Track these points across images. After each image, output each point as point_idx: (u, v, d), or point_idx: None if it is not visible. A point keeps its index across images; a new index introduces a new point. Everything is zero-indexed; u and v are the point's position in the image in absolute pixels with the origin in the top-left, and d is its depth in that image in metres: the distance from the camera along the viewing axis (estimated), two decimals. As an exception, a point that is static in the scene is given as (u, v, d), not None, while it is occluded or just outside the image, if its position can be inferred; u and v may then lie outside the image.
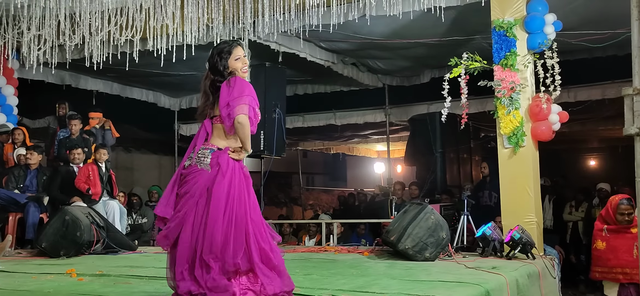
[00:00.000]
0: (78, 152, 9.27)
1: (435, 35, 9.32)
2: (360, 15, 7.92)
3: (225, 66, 4.01)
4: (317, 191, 24.45)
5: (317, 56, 10.19)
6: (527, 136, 7.09)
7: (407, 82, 12.67)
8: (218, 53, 4.04)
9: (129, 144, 16.10)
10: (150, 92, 13.58)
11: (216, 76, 4.02)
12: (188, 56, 8.60)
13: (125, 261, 7.07)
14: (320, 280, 5.20)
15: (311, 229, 11.35)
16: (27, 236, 8.76)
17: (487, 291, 4.69)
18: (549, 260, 6.85)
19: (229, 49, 4.04)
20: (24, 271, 6.27)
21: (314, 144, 19.44)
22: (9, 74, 10.78)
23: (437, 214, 6.88)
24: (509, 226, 6.85)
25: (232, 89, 3.91)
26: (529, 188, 7.07)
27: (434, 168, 12.17)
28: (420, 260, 6.50)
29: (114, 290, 4.97)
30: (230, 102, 3.88)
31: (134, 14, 8.49)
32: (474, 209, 8.35)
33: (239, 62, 4.04)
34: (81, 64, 9.70)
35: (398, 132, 16.08)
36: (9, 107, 10.94)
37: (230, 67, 4.02)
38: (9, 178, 9.33)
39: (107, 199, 9.19)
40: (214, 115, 4.03)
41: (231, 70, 4.02)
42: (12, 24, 8.89)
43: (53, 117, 11.31)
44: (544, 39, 7.05)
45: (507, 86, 7.07)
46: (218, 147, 3.96)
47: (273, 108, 9.30)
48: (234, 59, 4.03)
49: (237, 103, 3.86)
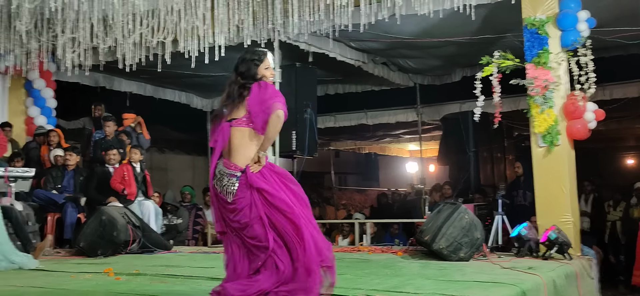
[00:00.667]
0: (113, 153, 9.40)
1: (466, 34, 9.24)
2: (390, 14, 7.89)
3: (255, 73, 4.11)
4: (349, 191, 24.40)
5: (347, 56, 10.17)
6: (562, 135, 6.99)
7: (438, 81, 12.58)
8: (250, 60, 4.14)
9: (162, 144, 16.27)
10: (182, 93, 13.70)
11: (246, 80, 4.08)
12: (219, 57, 8.67)
13: (161, 261, 7.15)
14: (354, 279, 5.20)
15: (344, 229, 11.34)
16: (65, 236, 8.93)
17: (523, 291, 4.65)
18: (587, 260, 6.75)
19: (260, 58, 4.15)
20: (63, 270, 6.39)
21: (346, 143, 19.43)
22: (48, 76, 11.02)
23: (471, 214, 6.84)
24: (544, 226, 6.77)
25: (265, 89, 4.01)
26: (565, 187, 6.98)
27: (467, 168, 12.08)
28: (454, 260, 6.46)
29: (150, 289, 5.03)
30: (265, 99, 3.96)
31: (165, 16, 8.56)
32: (508, 209, 8.26)
33: (268, 71, 4.17)
34: (114, 66, 9.83)
35: (430, 131, 15.99)
36: (49, 110, 11.18)
37: (260, 73, 4.12)
38: (47, 179, 9.51)
39: (142, 199, 9.29)
40: (235, 117, 4.06)
41: (260, 76, 4.12)
42: (46, 27, 9.05)
43: (88, 118, 11.47)
44: (577, 37, 6.95)
45: (541, 84, 6.98)
46: (241, 169, 3.97)
47: (304, 108, 9.32)
48: (263, 68, 4.15)
49: (274, 100, 3.96)
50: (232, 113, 4.08)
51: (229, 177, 3.97)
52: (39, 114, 11.09)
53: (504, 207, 7.88)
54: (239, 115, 4.05)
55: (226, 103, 4.13)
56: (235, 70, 4.16)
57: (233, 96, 4.08)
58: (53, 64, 10.45)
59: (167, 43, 8.85)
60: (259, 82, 4.06)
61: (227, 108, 4.13)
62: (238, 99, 4.06)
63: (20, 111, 11.13)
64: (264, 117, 3.94)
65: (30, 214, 8.62)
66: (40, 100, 11.11)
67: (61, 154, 9.79)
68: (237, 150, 4.01)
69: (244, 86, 4.06)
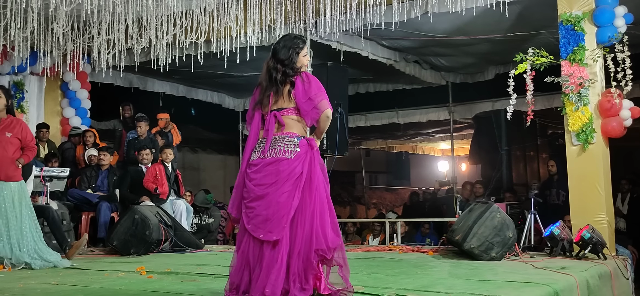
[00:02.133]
0: (146, 152, 9.52)
1: (499, 31, 9.15)
2: (422, 12, 7.86)
3: (295, 60, 4.14)
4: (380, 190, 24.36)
5: (379, 54, 10.15)
6: (597, 133, 6.87)
7: (470, 79, 12.47)
8: (292, 47, 4.15)
9: (194, 144, 16.44)
10: (215, 94, 13.83)
11: (287, 68, 4.11)
12: (251, 57, 8.73)
13: (193, 260, 7.21)
14: (384, 279, 5.18)
15: (375, 229, 11.32)
16: (99, 235, 9.06)
17: (556, 291, 4.57)
18: (622, 260, 6.63)
19: (301, 45, 4.18)
20: (97, 269, 6.47)
21: (377, 142, 19.37)
22: (83, 78, 11.21)
23: (503, 213, 6.76)
24: (578, 226, 6.67)
25: (310, 84, 4.07)
26: (599, 186, 6.86)
27: (499, 166, 11.97)
28: (486, 259, 6.40)
29: (182, 287, 5.07)
30: (312, 97, 4.03)
31: (199, 17, 8.65)
32: (541, 208, 8.16)
33: (305, 59, 4.21)
34: (148, 67, 9.96)
35: (462, 130, 15.87)
36: (84, 111, 11.38)
37: (299, 62, 4.16)
38: (82, 179, 9.67)
39: (174, 198, 9.39)
40: (282, 107, 4.10)
41: (299, 65, 4.15)
42: (82, 29, 9.19)
43: (117, 120, 11.61)
44: (614, 33, 6.82)
45: (575, 82, 6.87)
46: (302, 135, 4.07)
47: (335, 107, 9.29)
48: (302, 56, 4.18)
49: (321, 98, 4.04)
50: (279, 102, 4.12)
51: (290, 138, 4.04)
52: (74, 114, 11.29)
53: (536, 206, 7.78)
54: (288, 105, 4.10)
55: (268, 91, 4.14)
56: (274, 56, 4.17)
57: (277, 85, 4.11)
58: (88, 66, 10.63)
59: (200, 44, 8.94)
60: (300, 75, 4.11)
61: (270, 95, 4.13)
62: (278, 89, 4.10)
63: (56, 111, 11.36)
64: (314, 116, 4.04)
65: (65, 213, 8.80)
66: (75, 101, 11.32)
67: (95, 154, 9.94)
68: (292, 126, 4.09)
69: (286, 75, 4.10)
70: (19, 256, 6.51)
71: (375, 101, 13.94)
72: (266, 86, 4.15)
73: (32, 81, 10.88)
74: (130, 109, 11.37)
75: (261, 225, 3.95)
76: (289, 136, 4.05)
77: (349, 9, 8.08)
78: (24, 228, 6.61)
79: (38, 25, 8.45)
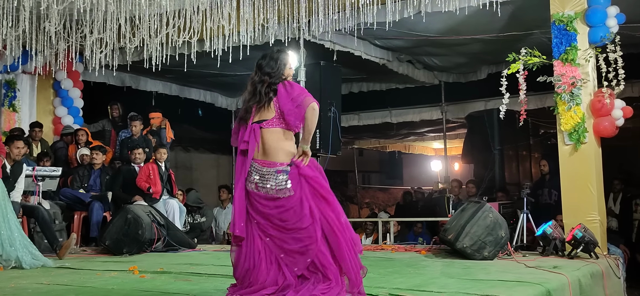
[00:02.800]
0: (139, 152, 9.50)
1: (492, 31, 9.17)
2: (415, 12, 7.86)
3: (282, 73, 4.20)
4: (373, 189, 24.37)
5: (372, 54, 10.15)
6: (589, 132, 6.90)
7: (463, 79, 12.49)
8: (281, 61, 4.20)
9: (187, 143, 16.39)
10: (207, 93, 13.80)
11: (273, 78, 4.14)
12: (244, 56, 8.71)
13: (185, 259, 7.20)
14: (377, 278, 5.18)
15: (368, 228, 11.32)
16: (91, 234, 9.03)
17: (548, 291, 4.59)
18: (614, 259, 6.66)
19: (286, 58, 4.25)
20: (89, 268, 6.45)
21: (370, 142, 19.38)
22: (75, 77, 11.16)
23: (496, 213, 6.78)
24: (570, 225, 6.69)
25: (292, 88, 4.12)
26: (592, 186, 6.89)
27: (492, 166, 11.99)
28: (478, 258, 6.42)
29: (175, 287, 5.06)
30: (294, 97, 4.06)
31: (191, 16, 8.64)
32: (533, 208, 8.18)
33: (290, 70, 4.29)
34: (140, 66, 9.93)
35: (455, 129, 15.90)
36: (76, 110, 11.33)
37: (285, 73, 4.22)
38: (74, 178, 9.63)
39: (167, 198, 9.38)
40: (265, 119, 4.10)
41: (285, 77, 4.21)
42: (75, 28, 9.16)
43: (107, 120, 11.57)
44: (606, 33, 6.85)
45: (568, 82, 6.90)
46: (288, 163, 4.05)
47: (328, 107, 9.29)
48: (288, 68, 4.25)
49: (304, 96, 4.07)
50: (260, 114, 4.13)
51: (277, 175, 4.02)
52: (66, 114, 11.24)
53: (529, 205, 7.80)
54: (269, 116, 4.10)
55: (251, 103, 4.15)
56: (260, 70, 4.19)
57: (260, 96, 4.11)
58: (81, 65, 10.58)
59: (193, 43, 8.91)
60: (283, 82, 4.14)
61: (252, 109, 4.15)
62: (264, 100, 4.10)
63: (48, 110, 11.31)
64: (300, 113, 4.03)
65: (57, 212, 8.76)
66: (67, 100, 11.27)
67: (88, 153, 9.90)
68: (276, 149, 4.06)
69: (271, 85, 4.12)
70: (10, 253, 6.49)
71: (368, 100, 13.94)
72: (249, 99, 4.18)
73: (24, 80, 10.84)
74: (118, 109, 11.33)
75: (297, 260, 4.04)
76: (276, 171, 4.02)
77: (342, 9, 8.08)
78: (11, 225, 6.60)
79: (30, 24, 8.42)
